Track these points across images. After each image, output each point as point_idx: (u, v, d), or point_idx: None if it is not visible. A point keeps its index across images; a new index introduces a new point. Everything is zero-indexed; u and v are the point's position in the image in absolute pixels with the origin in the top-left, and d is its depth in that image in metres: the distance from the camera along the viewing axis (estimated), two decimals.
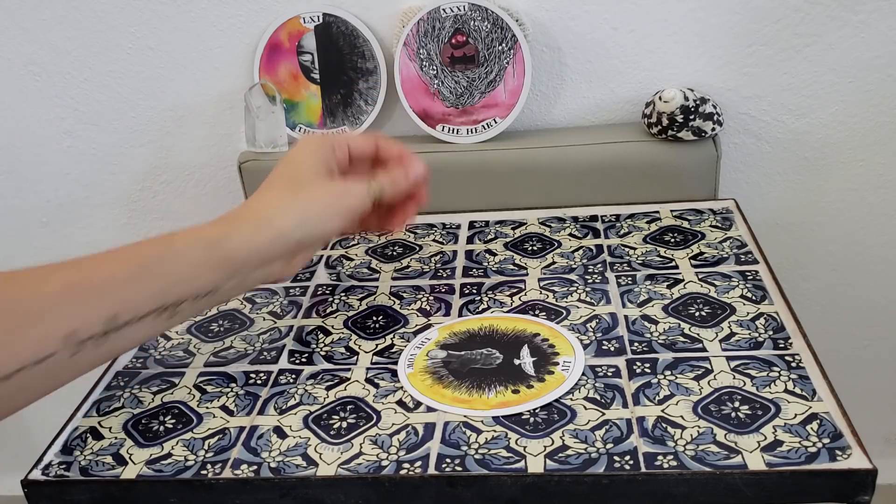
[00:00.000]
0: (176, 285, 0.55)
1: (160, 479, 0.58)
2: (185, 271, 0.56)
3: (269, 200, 0.62)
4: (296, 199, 0.61)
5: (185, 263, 0.56)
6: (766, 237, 0.91)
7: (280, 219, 0.60)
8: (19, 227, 1.13)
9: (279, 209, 0.60)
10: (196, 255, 0.57)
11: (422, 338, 0.71)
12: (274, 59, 0.98)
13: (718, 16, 0.94)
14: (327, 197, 0.62)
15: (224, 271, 0.58)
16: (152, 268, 0.55)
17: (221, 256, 0.57)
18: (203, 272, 0.57)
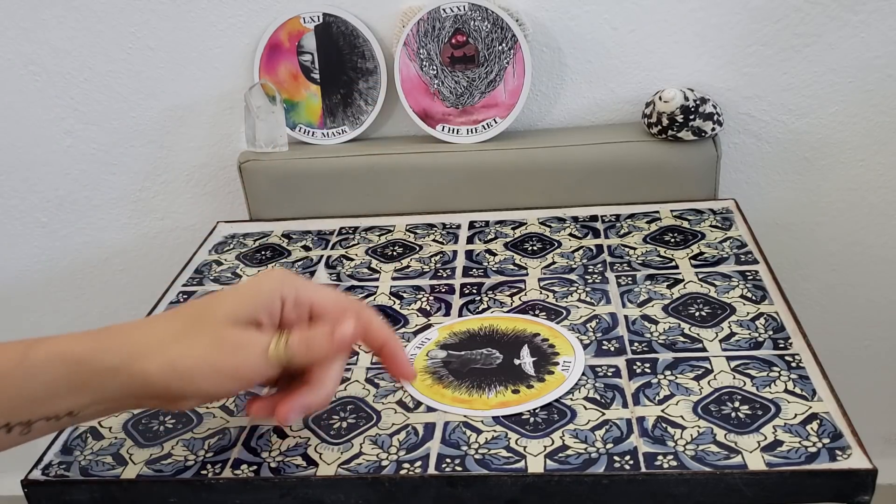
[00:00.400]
0: (26, 404, 0.48)
1: (160, 479, 0.58)
2: (38, 390, 0.48)
3: (151, 332, 0.51)
4: (176, 343, 0.50)
5: (39, 382, 0.48)
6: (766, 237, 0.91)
7: (147, 360, 0.49)
8: (19, 227, 1.13)
9: (151, 348, 0.50)
10: (54, 373, 0.49)
11: (422, 338, 0.71)
12: (274, 59, 0.98)
13: (718, 16, 0.94)
14: (209, 349, 0.50)
15: (85, 396, 0.49)
16: (1, 381, 0.47)
17: (82, 380, 0.49)
18: (60, 393, 0.49)
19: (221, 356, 0.50)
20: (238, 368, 0.51)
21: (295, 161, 0.97)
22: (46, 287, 1.17)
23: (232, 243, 0.93)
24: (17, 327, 1.21)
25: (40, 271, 1.16)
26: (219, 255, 0.91)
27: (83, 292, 1.18)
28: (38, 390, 0.48)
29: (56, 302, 1.19)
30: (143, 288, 1.16)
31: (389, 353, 0.59)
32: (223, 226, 0.97)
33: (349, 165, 0.96)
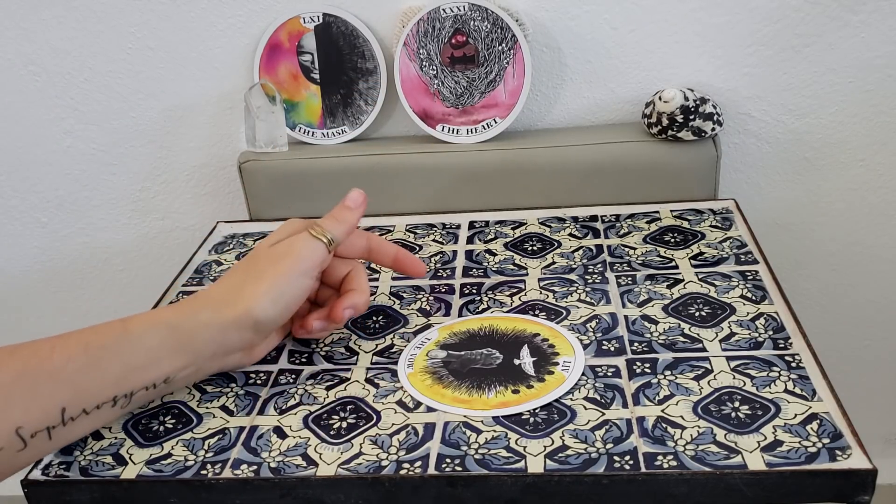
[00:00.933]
0: (131, 374, 0.52)
1: (160, 479, 0.58)
2: (141, 358, 0.52)
3: (224, 286, 0.59)
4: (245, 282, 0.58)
5: (141, 350, 0.52)
6: (766, 237, 0.91)
7: (234, 304, 0.57)
8: (19, 227, 1.13)
9: (232, 294, 0.57)
10: (154, 340, 0.53)
11: (422, 338, 0.71)
12: (274, 59, 0.98)
13: (718, 16, 0.94)
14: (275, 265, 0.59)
15: (182, 358, 0.55)
16: (107, 355, 0.51)
17: (180, 341, 0.54)
18: (160, 359, 0.53)
19: (285, 262, 0.59)
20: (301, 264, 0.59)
21: (295, 161, 0.97)
22: (46, 287, 1.17)
23: (232, 243, 0.93)
24: (17, 327, 1.21)
25: (40, 271, 1.16)
26: (219, 255, 0.91)
27: (83, 292, 1.18)
28: (141, 359, 0.52)
29: (56, 302, 1.19)
30: (144, 288, 1.16)
31: (403, 258, 0.69)
32: (223, 226, 0.97)
33: (349, 165, 0.96)
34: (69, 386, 0.50)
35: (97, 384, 0.51)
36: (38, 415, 0.49)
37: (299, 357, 0.71)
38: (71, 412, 0.50)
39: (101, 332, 0.53)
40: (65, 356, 0.50)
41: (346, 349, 0.71)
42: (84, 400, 0.50)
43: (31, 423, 0.48)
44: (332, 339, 0.73)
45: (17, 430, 0.48)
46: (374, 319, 0.75)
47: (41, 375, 0.49)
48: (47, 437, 0.50)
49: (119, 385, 0.52)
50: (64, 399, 0.49)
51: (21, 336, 1.21)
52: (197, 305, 0.57)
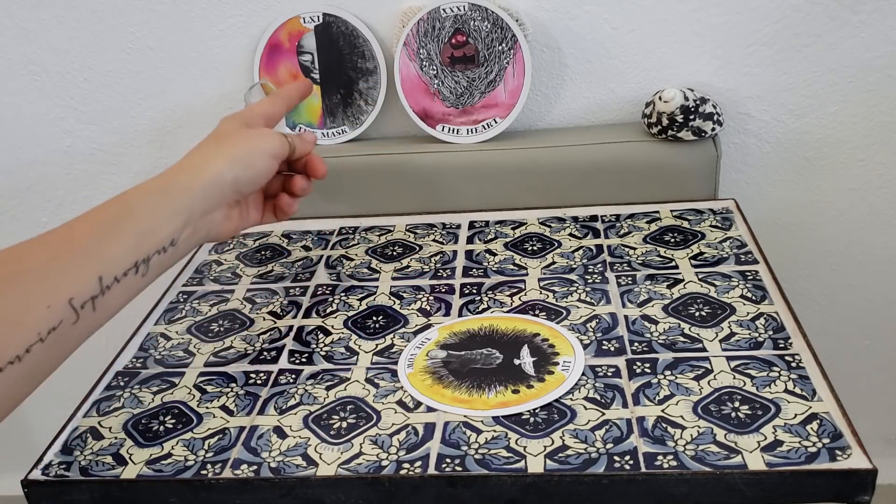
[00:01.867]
0: (142, 239, 0.58)
1: (160, 479, 0.58)
2: (146, 223, 0.59)
3: (198, 154, 0.67)
4: (221, 145, 0.67)
5: (144, 216, 0.59)
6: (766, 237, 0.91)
7: (213, 163, 0.65)
8: (19, 227, 1.13)
9: (210, 157, 0.66)
10: (151, 206, 0.60)
11: (422, 338, 0.71)
12: (274, 59, 0.98)
13: (718, 16, 0.94)
14: (249, 139, 0.68)
15: (178, 218, 0.61)
16: (120, 225, 0.57)
17: (172, 203, 0.61)
18: (161, 222, 0.60)
19: (260, 141, 0.68)
20: (273, 147, 0.68)
21: None
22: None
23: (232, 243, 0.93)
24: None
25: None
26: (219, 255, 0.91)
27: None
28: (146, 223, 0.58)
29: None
30: None
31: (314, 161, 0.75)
32: None
33: (349, 165, 0.96)
34: (98, 257, 0.55)
35: (119, 252, 0.56)
36: (82, 286, 0.54)
37: (299, 357, 0.71)
38: (106, 281, 0.55)
39: (105, 209, 0.59)
40: (85, 232, 0.56)
41: (346, 349, 0.71)
42: (113, 267, 0.56)
43: (79, 294, 0.53)
44: (331, 339, 0.73)
45: (70, 300, 0.53)
46: (374, 319, 0.75)
47: (74, 252, 0.55)
48: (92, 307, 0.54)
49: (137, 250, 0.57)
50: (98, 268, 0.55)
51: None
52: (178, 170, 0.64)
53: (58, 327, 0.52)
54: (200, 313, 0.79)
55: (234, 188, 0.65)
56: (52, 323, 0.51)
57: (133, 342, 0.76)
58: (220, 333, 0.75)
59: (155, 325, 0.78)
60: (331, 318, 0.76)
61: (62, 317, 0.52)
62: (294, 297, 0.80)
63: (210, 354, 0.72)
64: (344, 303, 0.78)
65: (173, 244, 0.61)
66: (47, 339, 0.51)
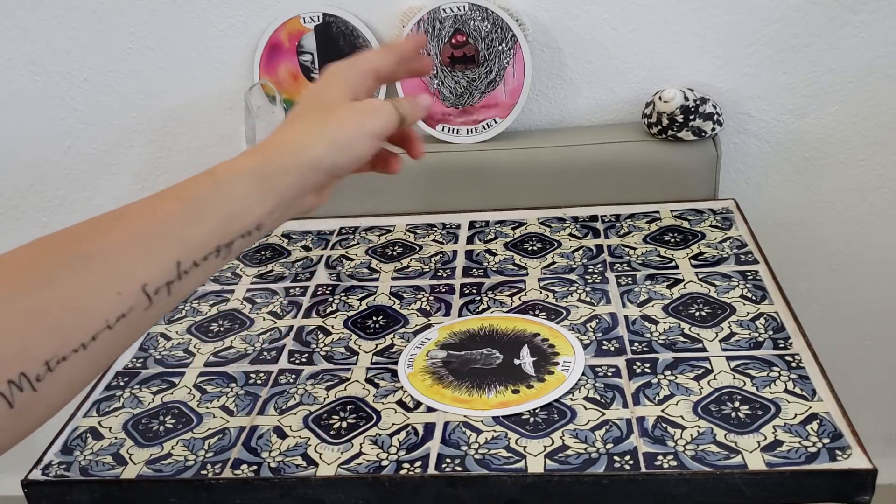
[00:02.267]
0: (228, 222, 0.55)
1: (160, 479, 0.58)
2: (234, 206, 0.55)
3: (299, 129, 0.62)
4: (324, 125, 0.61)
5: (234, 198, 0.56)
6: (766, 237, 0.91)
7: (314, 145, 0.60)
8: (19, 227, 1.13)
9: (310, 137, 0.60)
10: (243, 188, 0.56)
11: (422, 338, 0.71)
12: (274, 59, 0.98)
13: (718, 16, 0.94)
14: (356, 118, 0.62)
15: (269, 202, 0.57)
16: (207, 207, 0.54)
17: (266, 186, 0.57)
18: (251, 206, 0.56)
19: (367, 119, 0.61)
20: (381, 126, 0.62)
21: None
22: None
23: None
24: None
25: None
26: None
27: None
28: (235, 207, 0.55)
29: None
30: None
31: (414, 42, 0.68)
32: None
33: None
34: (178, 240, 0.52)
35: (202, 235, 0.53)
36: (159, 271, 0.51)
37: (299, 357, 0.71)
38: (184, 266, 0.52)
39: (193, 187, 0.55)
40: (170, 213, 0.53)
41: (346, 349, 0.71)
42: (193, 252, 0.53)
43: (154, 280, 0.51)
44: (331, 339, 0.73)
45: (143, 287, 0.50)
46: (374, 319, 0.75)
47: (155, 233, 0.52)
48: (168, 292, 0.52)
49: (221, 234, 0.54)
50: (177, 253, 0.52)
51: None
52: (276, 149, 0.60)
53: (128, 314, 0.49)
54: (200, 313, 0.79)
55: (329, 173, 0.61)
56: (123, 310, 0.49)
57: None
58: (220, 333, 0.75)
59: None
60: (331, 318, 0.76)
61: (134, 303, 0.49)
62: (294, 297, 0.80)
63: (210, 354, 0.72)
64: (344, 303, 0.78)
65: (259, 228, 0.57)
66: (115, 326, 0.49)
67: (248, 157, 0.59)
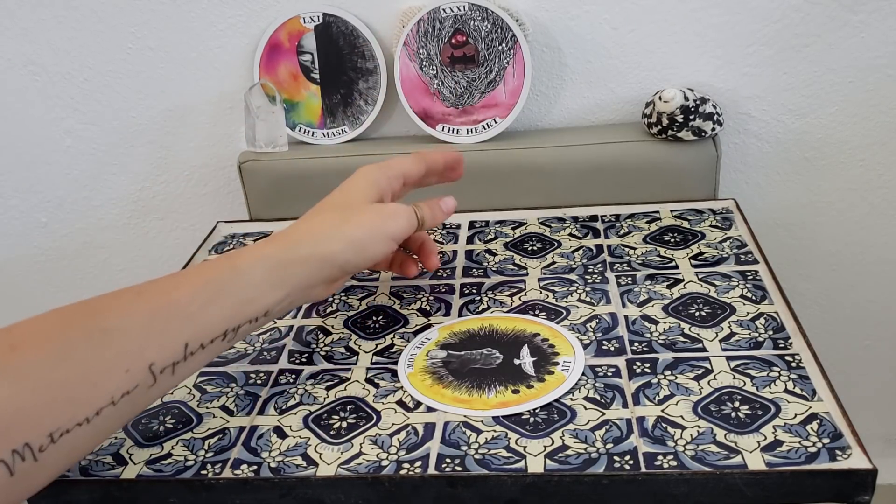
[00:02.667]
0: (240, 308, 0.55)
1: (160, 479, 0.58)
2: (249, 293, 0.56)
3: (320, 223, 0.63)
4: (345, 222, 0.62)
5: (249, 284, 0.56)
6: (766, 237, 0.91)
7: (330, 241, 0.61)
8: (19, 227, 1.13)
9: (329, 232, 0.62)
10: (259, 275, 0.57)
11: (422, 338, 0.71)
12: (274, 59, 0.98)
13: (718, 16, 0.94)
14: (375, 219, 0.64)
15: (281, 291, 0.58)
16: (222, 291, 0.55)
17: (280, 275, 0.58)
18: (265, 292, 0.57)
19: (384, 223, 0.63)
20: (398, 230, 0.64)
21: (295, 161, 0.97)
22: (46, 287, 1.17)
23: (232, 243, 0.93)
24: None
25: (40, 271, 1.16)
26: (219, 255, 0.91)
27: (83, 292, 1.18)
28: (249, 293, 0.56)
29: (56, 302, 1.18)
30: None
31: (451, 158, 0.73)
32: (223, 226, 0.97)
33: (349, 165, 0.96)
34: (193, 322, 0.52)
35: (214, 319, 0.54)
36: (168, 352, 0.51)
37: (299, 357, 0.71)
38: (192, 347, 0.52)
39: (215, 269, 0.56)
40: (188, 293, 0.53)
41: (346, 349, 0.71)
42: (203, 335, 0.53)
43: (162, 360, 0.51)
44: (331, 339, 0.73)
45: (150, 366, 0.50)
46: (374, 319, 0.75)
47: (171, 313, 0.52)
48: (172, 372, 0.52)
49: (231, 319, 0.55)
50: (188, 335, 0.52)
51: None
52: (296, 240, 0.60)
53: (132, 392, 0.49)
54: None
55: (342, 269, 0.62)
56: (128, 387, 0.49)
57: None
58: None
59: None
60: (331, 317, 0.76)
61: (139, 381, 0.49)
62: None
63: None
64: (344, 303, 0.78)
65: (266, 314, 0.58)
66: (119, 403, 0.48)
67: (268, 245, 0.59)
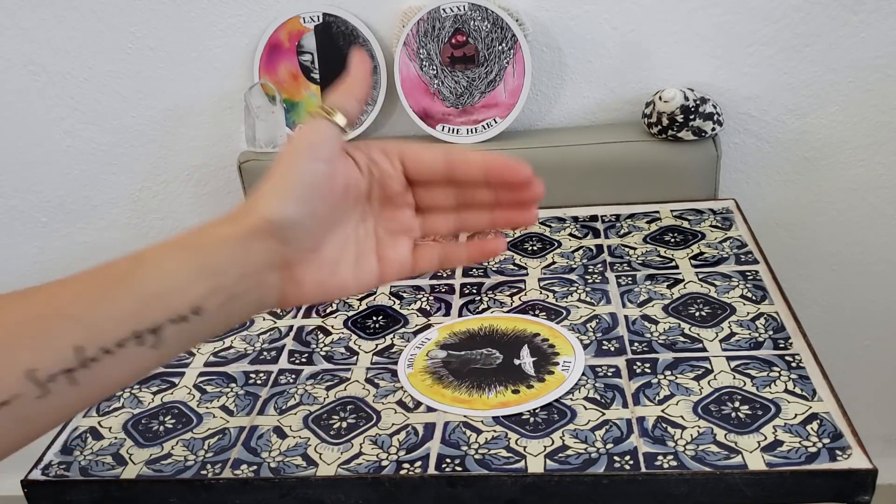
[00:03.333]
0: (149, 303, 0.48)
1: (160, 479, 0.58)
2: (157, 284, 0.48)
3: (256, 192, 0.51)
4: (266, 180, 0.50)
5: (155, 274, 0.48)
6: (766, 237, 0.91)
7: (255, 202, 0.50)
8: (19, 227, 1.13)
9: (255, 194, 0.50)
10: (170, 263, 0.49)
11: (422, 338, 0.71)
12: (274, 58, 0.98)
13: (718, 16, 0.94)
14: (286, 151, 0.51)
15: (205, 281, 0.49)
16: (119, 286, 0.47)
17: (199, 261, 0.49)
18: (180, 283, 0.48)
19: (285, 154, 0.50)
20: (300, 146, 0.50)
21: None
22: None
23: None
24: None
25: (40, 271, 1.16)
26: None
27: None
28: (157, 285, 0.47)
29: None
30: None
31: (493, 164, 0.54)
32: None
33: None
34: (79, 322, 0.46)
35: (110, 317, 0.47)
36: (50, 355, 0.45)
37: (299, 357, 0.71)
38: (89, 352, 0.46)
39: (115, 265, 0.49)
40: (74, 292, 0.47)
41: (346, 349, 0.71)
42: (99, 336, 0.46)
43: (43, 366, 0.45)
44: (331, 339, 0.73)
45: (28, 373, 0.44)
46: (374, 319, 0.75)
47: (50, 315, 0.46)
48: (69, 381, 0.45)
49: (138, 317, 0.47)
50: (77, 337, 0.46)
51: None
52: (213, 222, 0.51)
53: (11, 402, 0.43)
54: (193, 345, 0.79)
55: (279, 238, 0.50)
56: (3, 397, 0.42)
57: None
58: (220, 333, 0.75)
59: None
60: (331, 318, 0.76)
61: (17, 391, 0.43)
62: None
63: (210, 354, 0.72)
64: (344, 303, 0.78)
65: (198, 313, 0.49)
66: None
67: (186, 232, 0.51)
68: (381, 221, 0.56)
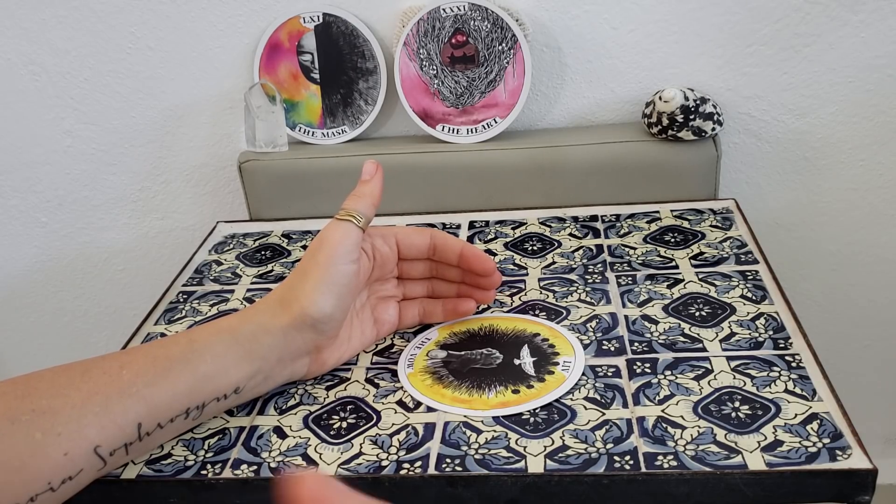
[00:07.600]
0: (200, 384, 0.52)
1: (160, 479, 0.58)
2: (208, 368, 0.52)
3: (284, 288, 0.59)
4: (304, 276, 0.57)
5: (207, 359, 0.53)
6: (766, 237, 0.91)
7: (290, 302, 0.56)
8: (19, 227, 1.13)
9: (293, 290, 0.57)
10: (219, 348, 0.53)
11: (422, 338, 0.71)
12: (274, 59, 0.98)
13: (718, 16, 0.94)
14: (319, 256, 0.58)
15: (249, 365, 0.54)
16: (176, 367, 0.51)
17: (245, 348, 0.54)
18: (227, 367, 0.53)
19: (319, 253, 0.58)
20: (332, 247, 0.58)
21: (295, 161, 0.97)
22: (46, 287, 1.17)
23: (232, 243, 0.93)
24: (17, 327, 1.21)
25: (40, 271, 1.16)
26: (219, 255, 0.91)
27: (83, 292, 1.18)
28: (208, 368, 0.52)
29: (56, 302, 1.19)
30: (144, 288, 1.16)
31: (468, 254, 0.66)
32: (223, 226, 0.97)
33: (349, 165, 0.96)
34: (142, 401, 0.50)
35: (168, 397, 0.51)
36: (115, 432, 0.49)
37: None
38: (146, 427, 0.50)
39: (167, 345, 0.53)
40: (133, 372, 0.50)
41: None
42: (158, 414, 0.50)
43: (108, 442, 0.48)
44: None
45: (96, 448, 0.48)
46: None
47: (114, 393, 0.49)
48: (125, 452, 0.50)
49: (190, 397, 0.52)
50: (139, 414, 0.49)
51: (22, 335, 1.21)
52: (256, 311, 0.57)
53: (76, 476, 0.46)
54: (200, 313, 0.79)
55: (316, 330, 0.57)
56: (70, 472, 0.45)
57: (133, 342, 0.76)
58: None
59: (155, 325, 0.78)
60: None
61: (83, 465, 0.46)
62: None
63: None
64: None
65: (237, 392, 0.55)
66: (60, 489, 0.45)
67: (232, 317, 0.56)
68: (373, 292, 0.66)
